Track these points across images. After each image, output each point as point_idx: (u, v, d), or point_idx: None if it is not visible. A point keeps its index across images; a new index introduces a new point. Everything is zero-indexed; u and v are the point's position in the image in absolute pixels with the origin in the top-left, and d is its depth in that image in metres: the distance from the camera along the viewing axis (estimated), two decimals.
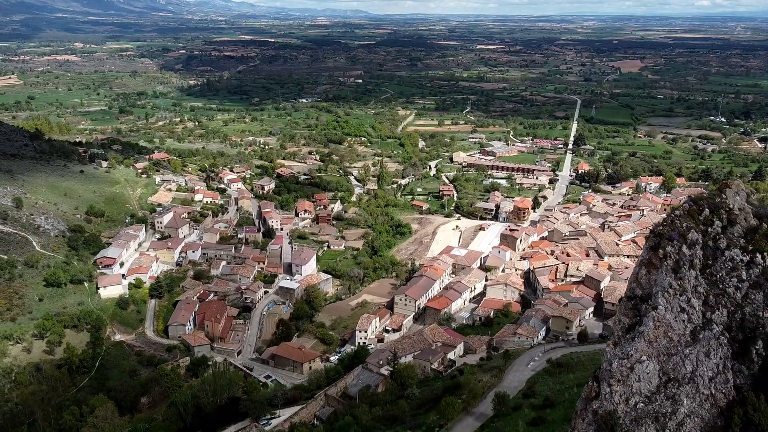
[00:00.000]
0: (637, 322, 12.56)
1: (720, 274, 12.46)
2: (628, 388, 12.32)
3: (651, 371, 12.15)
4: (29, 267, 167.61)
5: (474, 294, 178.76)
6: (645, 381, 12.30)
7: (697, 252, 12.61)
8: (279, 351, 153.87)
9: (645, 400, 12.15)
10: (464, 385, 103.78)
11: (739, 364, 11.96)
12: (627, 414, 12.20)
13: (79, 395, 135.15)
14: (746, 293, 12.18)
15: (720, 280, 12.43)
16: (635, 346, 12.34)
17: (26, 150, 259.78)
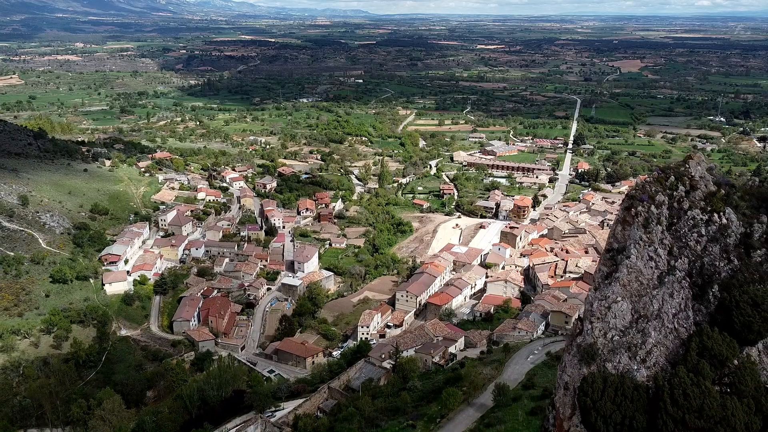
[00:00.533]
0: (613, 270, 14.69)
1: (683, 230, 14.53)
2: (605, 324, 14.46)
3: (625, 309, 14.27)
4: (35, 264, 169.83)
5: (474, 291, 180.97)
6: (620, 318, 14.42)
7: (664, 211, 14.66)
8: (282, 346, 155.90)
9: (620, 334, 14.29)
10: (465, 377, 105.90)
11: (698, 304, 14.03)
12: (605, 345, 14.39)
13: (86, 389, 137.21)
14: (705, 246, 14.29)
15: (683, 235, 14.52)
16: (612, 290, 14.43)
17: (30, 149, 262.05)
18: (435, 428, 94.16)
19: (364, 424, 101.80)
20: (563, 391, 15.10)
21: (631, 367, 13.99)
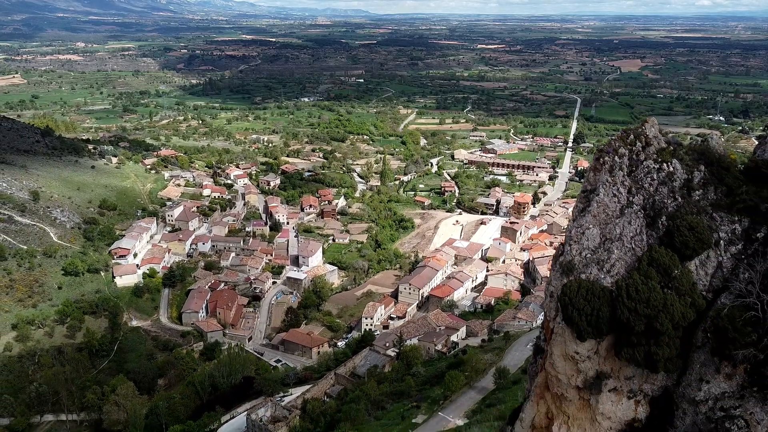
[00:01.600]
0: (587, 206, 18.63)
1: (639, 175, 18.45)
2: (580, 245, 18.45)
3: (595, 234, 18.22)
4: (48, 257, 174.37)
5: (475, 283, 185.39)
6: (591, 240, 18.34)
7: (625, 161, 18.60)
8: (288, 336, 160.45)
9: (591, 252, 18.26)
10: (467, 362, 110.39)
11: (650, 230, 18.03)
12: (580, 261, 18.42)
13: (99, 377, 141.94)
14: (656, 188, 18.22)
15: (639, 179, 18.46)
16: (585, 219, 18.37)
17: (38, 146, 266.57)
18: (438, 409, 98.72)
19: (370, 406, 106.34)
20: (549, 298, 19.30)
21: (599, 276, 18.20)
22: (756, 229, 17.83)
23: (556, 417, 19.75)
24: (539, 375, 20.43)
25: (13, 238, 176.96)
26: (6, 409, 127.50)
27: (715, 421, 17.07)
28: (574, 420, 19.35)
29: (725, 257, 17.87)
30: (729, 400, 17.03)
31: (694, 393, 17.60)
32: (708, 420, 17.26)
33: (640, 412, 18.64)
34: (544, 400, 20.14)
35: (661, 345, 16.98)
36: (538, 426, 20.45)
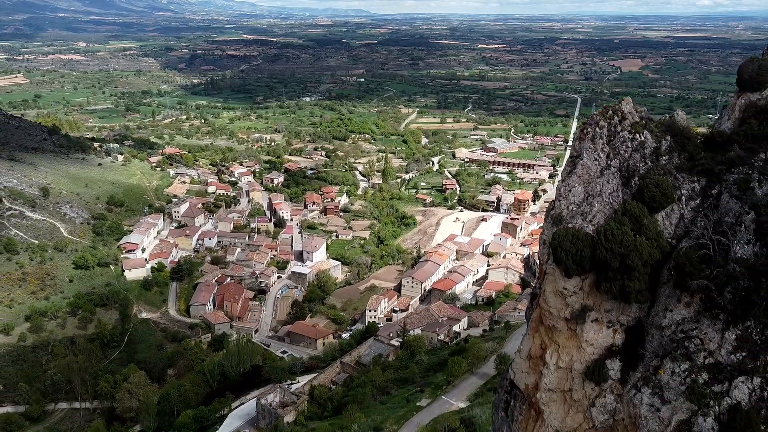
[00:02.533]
0: (573, 168, 22.29)
1: (616, 143, 22.00)
2: (568, 201, 22.08)
3: (579, 191, 21.80)
4: (59, 251, 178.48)
5: (477, 277, 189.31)
6: (576, 196, 21.92)
7: (604, 131, 22.13)
8: (294, 328, 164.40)
9: (576, 206, 21.84)
10: (469, 350, 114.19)
11: (625, 188, 21.70)
12: (567, 213, 22.02)
13: (111, 366, 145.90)
14: (630, 154, 21.80)
15: (616, 147, 22.01)
16: (571, 179, 21.94)
17: (46, 144, 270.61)
18: (441, 393, 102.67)
19: (375, 392, 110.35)
20: (543, 245, 23.05)
21: (583, 225, 21.90)
22: (711, 187, 21.70)
23: (549, 346, 23.62)
24: (534, 312, 24.36)
25: (24, 232, 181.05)
26: (21, 397, 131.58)
27: (676, 341, 20.96)
28: (563, 348, 23.22)
29: (686, 210, 21.73)
30: (687, 323, 20.89)
31: (661, 320, 21.47)
32: (671, 341, 21.15)
33: (617, 339, 22.53)
34: (539, 333, 24.01)
35: (632, 279, 20.83)
36: (534, 356, 24.34)
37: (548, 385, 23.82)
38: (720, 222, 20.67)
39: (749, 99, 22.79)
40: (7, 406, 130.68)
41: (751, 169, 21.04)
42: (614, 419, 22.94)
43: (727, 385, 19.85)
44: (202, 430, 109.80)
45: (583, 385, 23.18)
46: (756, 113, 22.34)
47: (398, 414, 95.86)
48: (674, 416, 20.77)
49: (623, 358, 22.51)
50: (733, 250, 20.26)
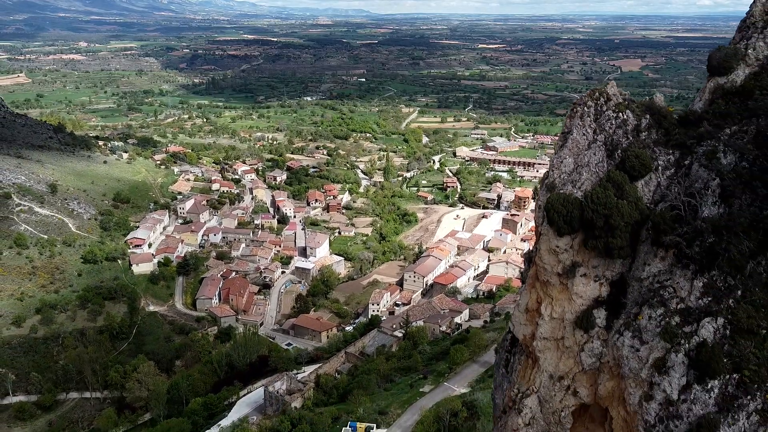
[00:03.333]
0: (564, 143, 25.38)
1: (602, 121, 25.06)
2: (560, 171, 25.13)
3: (570, 162, 24.92)
4: (67, 246, 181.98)
5: (478, 272, 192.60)
6: (567, 167, 25.00)
7: (592, 110, 25.19)
8: (299, 321, 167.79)
9: (567, 175, 24.89)
10: (470, 339, 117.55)
11: (609, 159, 24.89)
12: (559, 181, 25.07)
13: (120, 357, 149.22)
14: (614, 130, 24.91)
15: (602, 124, 25.09)
16: (563, 152, 25.03)
17: (52, 142, 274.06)
18: (444, 380, 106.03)
19: (379, 379, 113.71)
20: (538, 209, 26.17)
21: (573, 191, 25.02)
22: (684, 158, 24.98)
23: (543, 300, 26.89)
24: (530, 270, 27.66)
25: (33, 227, 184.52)
26: (34, 386, 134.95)
27: (653, 290, 24.24)
28: (556, 300, 26.49)
29: (662, 178, 24.99)
30: (662, 275, 24.15)
31: (640, 273, 24.74)
32: (649, 291, 24.43)
33: (603, 291, 25.81)
34: (535, 289, 27.28)
35: (615, 237, 24.09)
36: (530, 309, 27.65)
37: (543, 334, 27.18)
38: (690, 187, 24.03)
39: (717, 82, 26.10)
40: (20, 396, 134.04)
41: (718, 142, 24.38)
42: (600, 362, 26.29)
43: (695, 325, 23.20)
44: (211, 417, 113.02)
45: (573, 332, 26.54)
46: (723, 94, 25.67)
47: (402, 399, 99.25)
48: (651, 355, 24.11)
49: (608, 308, 25.86)
50: (701, 210, 23.63)
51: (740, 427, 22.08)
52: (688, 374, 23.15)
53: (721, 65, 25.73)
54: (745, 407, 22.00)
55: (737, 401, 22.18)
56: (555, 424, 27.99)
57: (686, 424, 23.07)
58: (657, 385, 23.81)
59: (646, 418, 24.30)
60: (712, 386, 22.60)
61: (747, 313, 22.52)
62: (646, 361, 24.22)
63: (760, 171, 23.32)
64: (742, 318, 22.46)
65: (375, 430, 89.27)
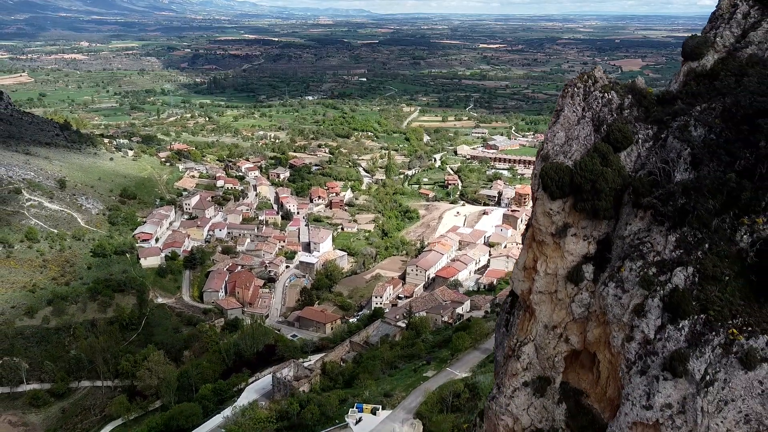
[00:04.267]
0: (557, 119, 28.99)
1: (590, 100, 28.53)
2: (553, 143, 28.57)
3: (562, 136, 28.43)
4: (77, 240, 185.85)
5: (479, 266, 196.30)
6: (559, 139, 28.47)
7: (581, 91, 28.74)
8: (303, 314, 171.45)
9: (559, 147, 28.32)
10: (472, 327, 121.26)
11: (596, 133, 28.54)
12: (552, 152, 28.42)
13: (130, 348, 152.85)
14: (600, 108, 28.51)
15: (590, 102, 28.57)
16: (555, 127, 28.54)
17: (58, 139, 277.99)
18: (446, 366, 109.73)
19: (384, 366, 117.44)
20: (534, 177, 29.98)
21: (564, 160, 28.55)
22: (661, 132, 28.69)
23: (539, 258, 30.60)
24: (528, 232, 31.41)
25: (44, 222, 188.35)
26: (47, 375, 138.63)
27: (633, 246, 27.92)
28: (550, 258, 30.20)
29: (642, 149, 28.70)
30: (642, 233, 27.83)
31: (622, 232, 28.43)
32: (630, 246, 28.12)
33: (591, 249, 29.51)
34: (531, 248, 31.00)
35: (600, 199, 27.78)
36: (528, 266, 31.37)
37: (539, 288, 30.96)
38: (666, 156, 27.80)
39: (690, 66, 29.86)
40: (34, 384, 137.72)
41: (690, 118, 28.13)
42: (589, 311, 30.09)
43: (669, 274, 26.97)
44: (221, 402, 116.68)
45: (565, 286, 30.32)
46: (695, 77, 29.43)
47: (406, 383, 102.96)
48: (631, 301, 27.90)
49: (595, 263, 29.65)
50: (674, 175, 27.40)
51: (706, 359, 25.92)
52: (663, 316, 26.94)
53: (694, 51, 29.50)
54: (711, 342, 25.83)
55: (704, 337, 26.00)
56: (549, 369, 31.79)
57: (661, 359, 26.89)
58: (636, 327, 27.61)
59: (627, 357, 28.14)
60: (683, 325, 26.40)
61: (713, 262, 26.33)
62: (627, 307, 28.00)
63: (725, 142, 27.10)
64: (709, 267, 26.26)
65: (381, 410, 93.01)
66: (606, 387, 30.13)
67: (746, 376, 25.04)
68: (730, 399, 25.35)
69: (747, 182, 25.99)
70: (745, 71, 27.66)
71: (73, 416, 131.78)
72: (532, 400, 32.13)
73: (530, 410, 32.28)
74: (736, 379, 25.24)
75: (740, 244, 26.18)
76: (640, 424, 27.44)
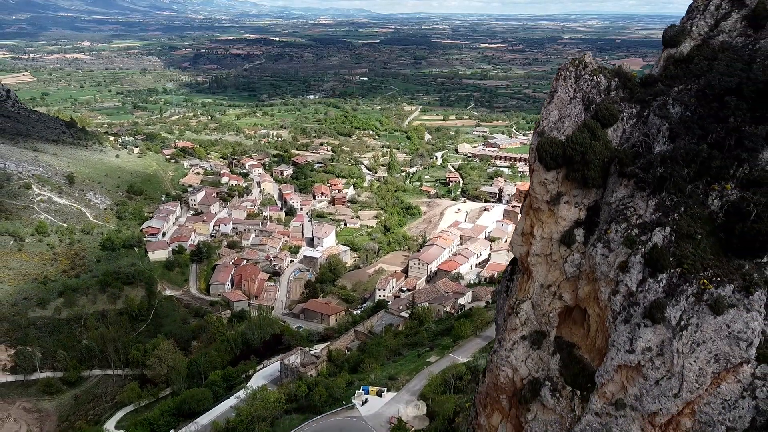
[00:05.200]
0: (551, 99, 32.56)
1: (581, 82, 32.13)
2: (548, 120, 32.04)
3: (555, 114, 31.79)
4: (86, 234, 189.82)
5: (480, 260, 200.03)
6: (553, 117, 31.81)
7: (572, 74, 32.25)
8: (308, 306, 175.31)
9: (553, 124, 31.62)
10: (473, 315, 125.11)
11: (586, 112, 32.09)
12: (547, 129, 31.92)
13: (139, 338, 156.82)
14: (589, 90, 32.12)
15: (581, 84, 32.08)
16: (550, 106, 31.95)
17: (65, 136, 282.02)
18: (449, 352, 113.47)
19: (388, 353, 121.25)
20: (531, 151, 33.68)
21: (558, 135, 32.16)
22: (643, 110, 32.35)
23: (535, 224, 34.30)
24: (526, 201, 35.15)
25: (53, 216, 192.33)
26: (60, 363, 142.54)
27: (619, 210, 31.61)
28: (545, 223, 33.90)
29: (627, 126, 32.37)
30: (626, 199, 31.52)
31: (609, 198, 32.12)
32: (616, 211, 31.81)
33: (581, 215, 33.22)
34: (529, 216, 34.70)
35: (590, 169, 31.48)
36: (525, 232, 35.07)
37: (535, 251, 34.69)
38: (647, 131, 31.53)
39: (669, 52, 33.55)
40: (47, 372, 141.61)
41: (668, 98, 31.83)
42: (580, 271, 33.79)
43: (649, 234, 30.67)
44: (230, 389, 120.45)
45: (559, 248, 34.05)
46: (673, 62, 33.14)
47: (410, 367, 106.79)
48: (617, 259, 31.59)
49: (585, 228, 33.36)
50: (654, 148, 31.12)
51: (681, 306, 29.64)
52: (644, 271, 30.64)
53: (672, 39, 33.23)
54: (685, 292, 29.54)
55: (679, 288, 29.71)
56: (545, 323, 35.52)
57: (642, 309, 30.60)
58: (621, 281, 31.33)
59: (613, 308, 31.86)
60: (661, 278, 30.11)
61: (687, 223, 30.05)
62: (613, 264, 31.72)
63: (699, 118, 30.82)
64: (684, 227, 29.98)
65: (386, 392, 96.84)
66: (595, 338, 33.86)
67: (715, 321, 28.73)
68: (701, 341, 29.06)
69: (717, 153, 29.70)
70: (716, 56, 31.36)
71: (85, 403, 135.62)
72: (529, 352, 35.88)
73: (528, 361, 36.03)
74: (706, 323, 28.94)
75: (711, 207, 29.87)
76: (624, 366, 31.16)
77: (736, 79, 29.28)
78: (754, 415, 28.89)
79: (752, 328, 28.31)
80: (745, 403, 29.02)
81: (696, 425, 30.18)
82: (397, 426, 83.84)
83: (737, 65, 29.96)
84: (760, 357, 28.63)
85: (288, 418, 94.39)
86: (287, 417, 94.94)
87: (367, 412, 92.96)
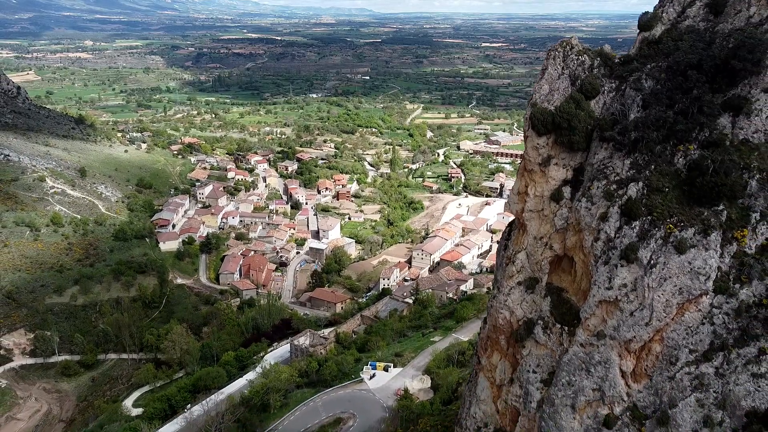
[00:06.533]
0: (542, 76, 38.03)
1: (568, 61, 37.85)
2: (540, 93, 37.17)
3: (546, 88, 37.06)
4: (99, 225, 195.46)
5: (481, 251, 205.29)
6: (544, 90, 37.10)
7: (560, 54, 37.80)
8: (315, 294, 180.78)
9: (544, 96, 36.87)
10: (475, 297, 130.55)
11: (572, 86, 37.80)
12: (539, 101, 37.46)
13: (152, 324, 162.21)
14: (576, 67, 37.55)
15: (568, 63, 37.71)
16: (542, 81, 37.42)
17: (74, 132, 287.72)
18: (452, 332, 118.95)
19: (394, 334, 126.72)
20: (525, 120, 39.12)
21: (548, 106, 37.80)
22: (621, 85, 37.83)
23: (529, 183, 39.79)
24: (521, 164, 40.66)
25: (67, 208, 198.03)
26: (77, 347, 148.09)
27: (600, 170, 37.05)
28: (537, 183, 39.38)
29: (608, 98, 37.83)
30: (606, 160, 37.02)
31: (592, 160, 37.61)
32: (597, 171, 37.28)
33: (569, 175, 38.74)
34: (524, 177, 40.22)
35: (575, 135, 36.96)
36: (521, 191, 40.55)
37: (529, 207, 40.22)
38: (624, 101, 37.05)
39: (644, 36, 39.05)
40: (65, 355, 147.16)
41: (642, 73, 37.34)
42: (567, 223, 39.32)
43: (625, 189, 36.21)
44: (242, 369, 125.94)
45: (549, 204, 39.57)
46: (647, 44, 38.63)
47: (415, 345, 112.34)
48: (598, 211, 37.13)
49: (572, 186, 38.89)
50: (630, 115, 36.63)
51: (651, 248, 35.17)
52: (620, 220, 36.22)
53: (646, 24, 38.76)
54: (654, 236, 35.08)
55: (649, 233, 35.28)
56: (537, 271, 41.05)
57: (619, 251, 36.16)
58: (602, 230, 36.89)
59: (595, 253, 37.41)
60: (635, 225, 35.67)
61: (657, 178, 35.59)
62: (595, 215, 37.29)
63: (667, 90, 36.33)
64: (654, 181, 35.53)
65: (392, 368, 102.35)
66: (581, 282, 39.39)
67: (679, 259, 34.27)
68: (667, 276, 34.60)
69: (682, 119, 35.20)
70: (682, 37, 36.85)
71: (102, 384, 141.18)
72: (524, 296, 41.41)
73: (523, 304, 41.57)
74: (672, 261, 34.49)
75: (677, 165, 35.40)
76: (604, 302, 36.72)
77: (697, 56, 34.77)
78: (712, 338, 34.47)
79: (710, 264, 33.89)
80: (704, 328, 34.62)
81: (664, 349, 35.77)
82: (404, 396, 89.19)
83: (699, 45, 35.45)
84: (716, 289, 34.24)
85: (300, 392, 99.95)
86: (299, 391, 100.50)
87: (375, 385, 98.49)
